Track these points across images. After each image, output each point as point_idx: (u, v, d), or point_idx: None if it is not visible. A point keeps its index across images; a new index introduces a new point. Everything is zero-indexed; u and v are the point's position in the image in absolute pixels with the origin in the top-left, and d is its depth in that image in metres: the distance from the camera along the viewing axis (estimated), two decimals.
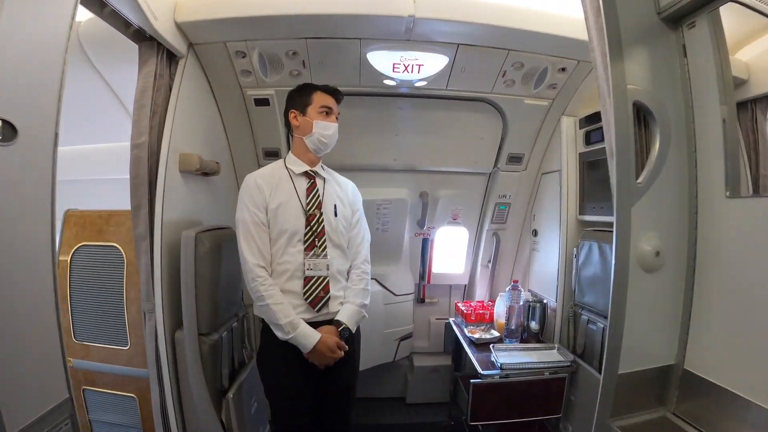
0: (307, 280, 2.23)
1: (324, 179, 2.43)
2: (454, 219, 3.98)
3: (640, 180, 1.72)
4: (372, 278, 3.50)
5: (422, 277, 4.15)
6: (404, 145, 3.49)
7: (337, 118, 2.40)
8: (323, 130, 2.32)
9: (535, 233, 3.71)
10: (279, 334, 2.15)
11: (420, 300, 4.24)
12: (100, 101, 3.21)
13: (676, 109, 1.77)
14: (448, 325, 3.96)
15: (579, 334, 2.95)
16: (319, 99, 2.35)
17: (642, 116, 1.75)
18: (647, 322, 1.78)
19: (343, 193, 2.49)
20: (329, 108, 2.35)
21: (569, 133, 3.18)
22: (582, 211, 3.09)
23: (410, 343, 4.15)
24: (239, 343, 2.79)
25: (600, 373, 1.79)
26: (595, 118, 2.89)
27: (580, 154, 3.11)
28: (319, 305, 2.24)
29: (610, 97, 1.61)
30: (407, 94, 3.18)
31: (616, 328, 1.69)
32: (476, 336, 3.27)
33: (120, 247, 2.66)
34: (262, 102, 3.00)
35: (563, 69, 2.86)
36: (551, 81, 2.94)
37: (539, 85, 2.99)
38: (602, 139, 2.70)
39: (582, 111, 3.13)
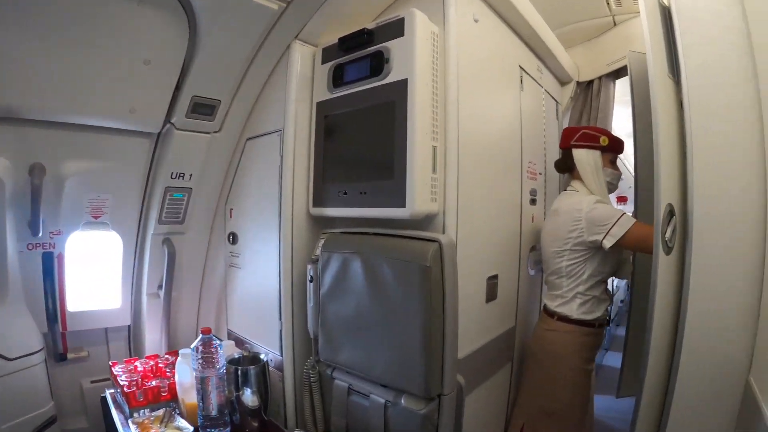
0: None
1: None
2: (96, 217, 2.29)
3: None
4: None
5: (53, 319, 2.33)
6: None
7: None
8: None
9: (233, 239, 2.33)
10: None
11: (60, 357, 2.41)
12: None
13: None
14: (103, 402, 2.17)
15: (334, 410, 1.82)
16: None
17: None
18: None
19: None
20: None
21: (304, 70, 1.94)
22: (319, 201, 1.88)
23: (58, 429, 2.27)
24: None
25: None
26: (357, 40, 1.73)
27: (319, 104, 1.90)
28: None
29: None
30: None
31: None
32: None
33: None
34: None
35: None
36: None
37: None
38: (369, 75, 1.69)
39: (327, 37, 1.93)
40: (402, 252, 1.52)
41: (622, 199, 8.34)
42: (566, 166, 2.16)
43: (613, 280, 5.88)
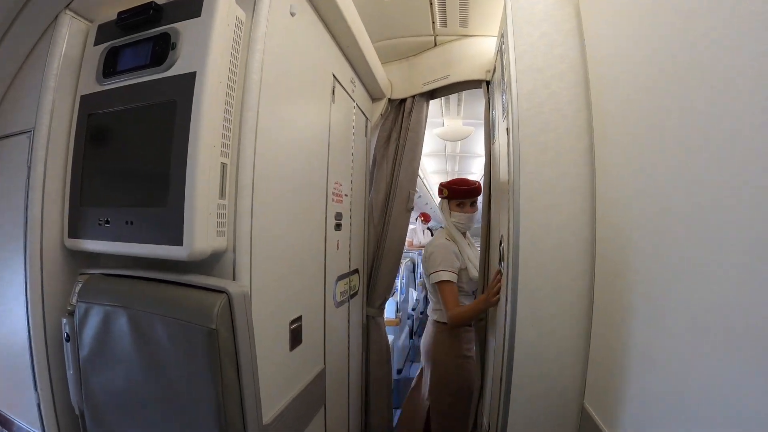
0: None
1: None
2: None
3: None
4: None
5: None
6: None
7: None
8: None
9: None
10: None
11: None
12: None
13: None
14: None
15: None
16: None
17: None
18: None
19: None
20: None
21: (72, 51, 1.34)
22: (76, 231, 1.29)
23: None
24: None
25: None
26: (141, 17, 1.22)
27: (84, 99, 1.32)
28: None
29: None
30: None
31: None
32: None
33: None
34: None
35: None
36: None
37: None
38: (149, 63, 1.20)
39: (109, 11, 1.34)
40: (180, 308, 1.05)
41: (425, 216, 8.62)
42: None
43: (411, 294, 6.12)
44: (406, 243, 8.58)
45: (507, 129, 1.60)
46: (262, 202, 1.22)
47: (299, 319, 1.50)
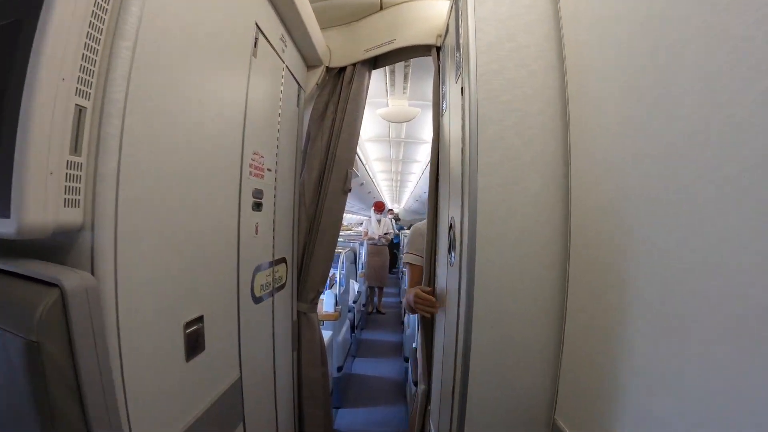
0: None
1: None
2: None
3: None
4: None
5: None
6: None
7: None
8: None
9: None
10: None
11: None
12: None
13: None
14: None
15: None
16: None
17: None
18: None
19: None
20: None
21: None
22: None
23: None
24: None
25: None
26: None
27: None
28: None
29: None
30: None
31: None
32: None
33: None
34: None
35: None
36: None
37: None
38: None
39: None
40: None
41: (378, 206, 8.32)
42: None
43: (352, 285, 5.86)
44: (362, 234, 8.16)
45: (462, 89, 1.35)
46: (137, 163, 0.89)
47: (199, 320, 1.17)
